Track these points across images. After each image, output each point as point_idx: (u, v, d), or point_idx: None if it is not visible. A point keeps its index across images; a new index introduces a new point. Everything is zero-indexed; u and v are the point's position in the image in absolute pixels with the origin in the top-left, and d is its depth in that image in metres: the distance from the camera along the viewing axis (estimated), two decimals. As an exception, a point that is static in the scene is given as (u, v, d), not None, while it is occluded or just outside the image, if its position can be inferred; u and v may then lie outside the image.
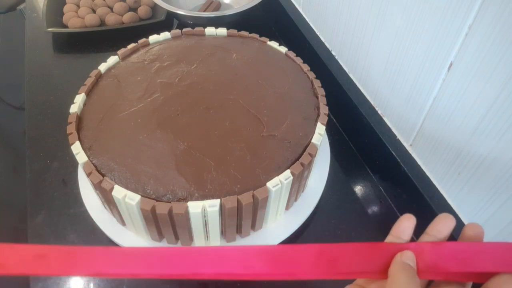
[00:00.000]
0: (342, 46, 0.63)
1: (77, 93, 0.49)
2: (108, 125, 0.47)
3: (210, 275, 0.26)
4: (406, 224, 0.29)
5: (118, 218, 0.47)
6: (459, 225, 0.34)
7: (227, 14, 0.74)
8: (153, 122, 0.47)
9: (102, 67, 0.53)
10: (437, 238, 0.28)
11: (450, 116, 0.44)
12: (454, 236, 0.29)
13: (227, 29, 0.60)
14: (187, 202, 0.39)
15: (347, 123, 0.65)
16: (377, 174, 0.59)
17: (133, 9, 0.85)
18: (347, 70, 0.64)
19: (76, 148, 0.44)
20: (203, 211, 0.40)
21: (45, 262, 0.25)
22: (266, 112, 0.49)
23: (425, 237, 0.29)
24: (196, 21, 0.76)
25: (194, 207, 0.39)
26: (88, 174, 0.42)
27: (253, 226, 0.47)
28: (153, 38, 0.58)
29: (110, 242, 0.49)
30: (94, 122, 0.47)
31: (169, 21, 0.84)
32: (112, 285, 0.46)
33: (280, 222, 0.49)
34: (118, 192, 0.40)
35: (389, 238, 0.30)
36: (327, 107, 0.50)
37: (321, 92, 0.51)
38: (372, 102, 0.59)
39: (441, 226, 0.28)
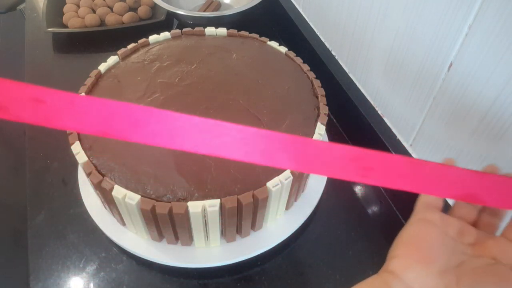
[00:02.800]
0: (342, 46, 0.63)
1: (77, 93, 0.49)
2: (108, 125, 0.47)
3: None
4: None
5: (118, 218, 0.47)
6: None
7: (227, 14, 0.74)
8: (153, 122, 0.47)
9: (102, 67, 0.53)
10: None
11: (450, 116, 0.44)
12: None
13: (227, 29, 0.60)
14: (187, 202, 0.39)
15: (347, 123, 0.65)
16: (377, 174, 0.59)
17: (133, 9, 0.85)
18: (347, 70, 0.64)
19: (76, 148, 0.44)
20: (203, 211, 0.40)
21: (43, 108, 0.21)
22: (266, 112, 0.49)
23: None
24: (196, 21, 0.76)
25: (194, 207, 0.39)
26: (88, 174, 0.42)
27: (253, 226, 0.47)
28: (153, 38, 0.58)
29: (110, 243, 0.49)
30: (94, 122, 0.47)
31: (169, 21, 0.84)
32: (112, 285, 0.46)
33: (280, 222, 0.49)
34: (118, 192, 0.40)
35: None
36: (327, 107, 0.50)
37: (321, 92, 0.51)
38: (372, 102, 0.59)
39: None
